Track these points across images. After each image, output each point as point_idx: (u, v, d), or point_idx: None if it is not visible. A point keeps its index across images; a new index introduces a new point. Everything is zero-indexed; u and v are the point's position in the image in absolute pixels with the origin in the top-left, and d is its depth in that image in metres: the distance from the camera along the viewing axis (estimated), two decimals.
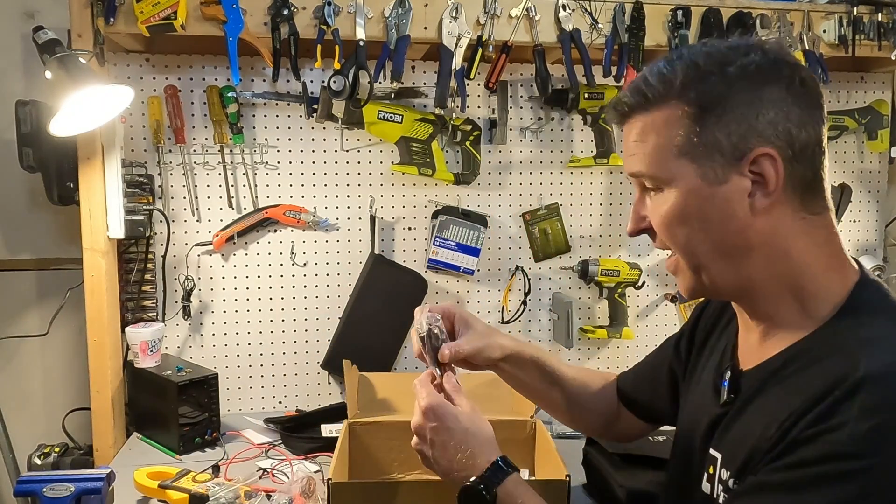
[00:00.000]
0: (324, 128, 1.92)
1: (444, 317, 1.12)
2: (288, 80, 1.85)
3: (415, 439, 1.02)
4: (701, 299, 1.12)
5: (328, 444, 1.65)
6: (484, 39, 1.76)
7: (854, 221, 2.24)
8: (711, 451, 0.91)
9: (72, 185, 1.72)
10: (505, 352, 1.15)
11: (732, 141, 0.81)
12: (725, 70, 0.82)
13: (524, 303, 2.06)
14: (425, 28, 1.72)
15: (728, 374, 0.92)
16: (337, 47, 1.68)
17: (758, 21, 1.85)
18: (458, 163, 1.98)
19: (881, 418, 0.71)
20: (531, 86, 1.99)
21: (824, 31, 1.92)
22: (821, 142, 0.84)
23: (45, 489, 1.19)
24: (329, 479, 1.22)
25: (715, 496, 0.89)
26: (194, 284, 1.89)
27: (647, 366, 1.23)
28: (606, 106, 0.94)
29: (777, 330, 0.87)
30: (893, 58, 1.94)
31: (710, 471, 0.90)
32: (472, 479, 0.96)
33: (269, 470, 1.54)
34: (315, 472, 1.51)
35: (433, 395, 1.01)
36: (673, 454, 1.07)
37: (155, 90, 1.84)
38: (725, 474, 0.87)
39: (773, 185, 0.81)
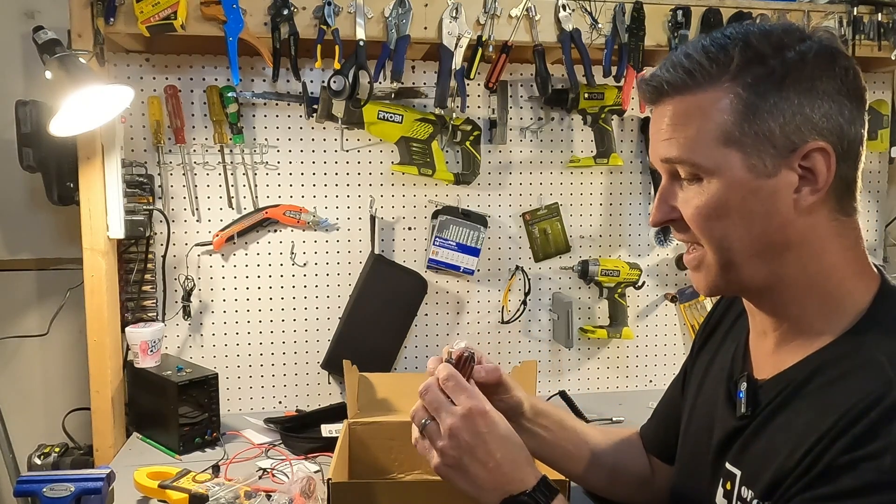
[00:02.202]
0: (324, 128, 1.92)
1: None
2: (288, 80, 1.85)
3: (446, 443, 0.85)
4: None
5: (328, 444, 1.65)
6: (484, 39, 1.76)
7: None
8: (728, 466, 0.86)
9: (72, 185, 1.72)
10: (533, 401, 1.05)
11: (786, 132, 0.76)
12: (784, 54, 0.76)
13: (524, 303, 2.06)
14: (425, 28, 1.72)
15: (744, 385, 0.86)
16: (337, 47, 1.68)
17: (758, 21, 1.85)
18: (458, 163, 1.98)
19: None
20: (531, 86, 1.99)
21: None
22: (863, 140, 0.80)
23: (45, 489, 1.19)
24: (329, 479, 1.22)
25: None
26: (194, 284, 1.89)
27: (664, 405, 1.14)
28: (639, 81, 0.85)
29: (796, 336, 0.83)
30: (893, 58, 1.94)
31: (728, 486, 0.85)
32: (519, 493, 0.84)
33: (269, 470, 1.54)
34: (315, 472, 1.51)
35: (480, 396, 0.86)
36: (680, 460, 1.03)
37: (155, 90, 1.84)
38: (747, 493, 0.82)
39: (822, 181, 0.76)
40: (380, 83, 1.78)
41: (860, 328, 0.79)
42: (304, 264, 1.95)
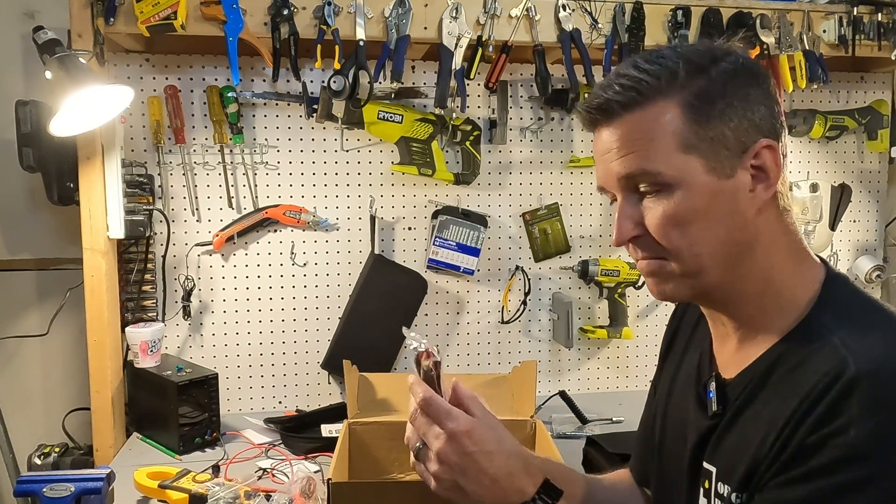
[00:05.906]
0: (324, 128, 1.92)
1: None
2: (288, 80, 1.85)
3: (438, 468, 0.86)
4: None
5: (328, 444, 1.65)
6: (484, 39, 1.76)
7: (854, 221, 2.24)
8: (705, 465, 0.87)
9: (72, 185, 1.72)
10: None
11: (737, 134, 0.79)
12: (720, 65, 0.81)
13: (524, 303, 2.06)
14: (425, 28, 1.72)
15: (713, 385, 0.88)
16: (337, 47, 1.68)
17: (758, 21, 1.85)
18: (458, 163, 1.98)
19: (882, 416, 0.71)
20: (531, 86, 1.99)
21: (824, 31, 1.92)
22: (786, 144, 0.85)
23: (45, 489, 1.19)
24: (329, 479, 1.22)
25: None
26: (194, 284, 1.89)
27: (642, 428, 1.12)
28: (578, 110, 0.87)
29: (755, 332, 0.85)
30: (893, 58, 1.94)
31: (706, 485, 0.86)
32: None
33: (269, 470, 1.54)
34: (315, 472, 1.51)
35: (464, 416, 0.87)
36: (658, 475, 1.02)
37: (155, 90, 1.84)
38: (723, 488, 0.83)
39: (774, 176, 0.81)
40: (380, 83, 1.77)
41: (812, 315, 0.82)
42: (304, 264, 1.95)
